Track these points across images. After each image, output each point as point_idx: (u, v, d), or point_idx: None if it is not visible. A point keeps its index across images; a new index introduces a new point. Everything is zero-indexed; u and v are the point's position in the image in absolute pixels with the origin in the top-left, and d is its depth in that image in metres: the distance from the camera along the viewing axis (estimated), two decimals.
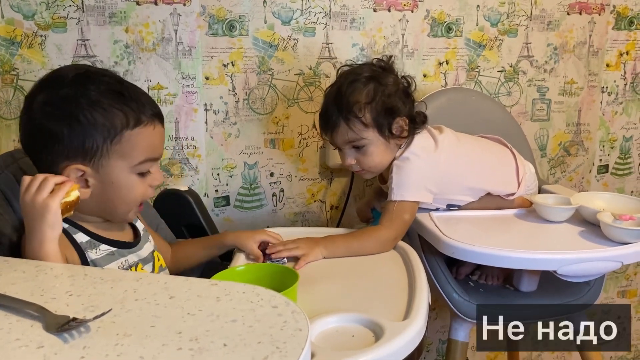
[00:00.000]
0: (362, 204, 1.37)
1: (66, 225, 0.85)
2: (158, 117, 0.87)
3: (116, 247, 0.90)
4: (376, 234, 1.07)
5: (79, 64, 1.26)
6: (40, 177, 0.78)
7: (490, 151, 1.25)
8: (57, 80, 0.85)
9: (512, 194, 1.22)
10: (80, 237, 0.86)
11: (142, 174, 0.86)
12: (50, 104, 0.82)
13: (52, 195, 0.76)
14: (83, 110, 0.81)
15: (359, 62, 1.23)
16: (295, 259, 1.00)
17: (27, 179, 0.78)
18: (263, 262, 0.99)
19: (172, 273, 1.04)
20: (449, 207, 1.20)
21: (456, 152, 1.18)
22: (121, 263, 0.89)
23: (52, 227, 0.76)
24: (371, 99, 1.11)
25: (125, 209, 0.88)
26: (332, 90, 1.16)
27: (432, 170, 1.14)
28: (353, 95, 1.11)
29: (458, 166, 1.17)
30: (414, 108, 1.17)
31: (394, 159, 1.14)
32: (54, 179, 0.78)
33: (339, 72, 1.19)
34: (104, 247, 0.88)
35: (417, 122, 1.16)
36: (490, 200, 1.22)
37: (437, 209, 1.20)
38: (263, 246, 1.02)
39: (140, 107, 0.84)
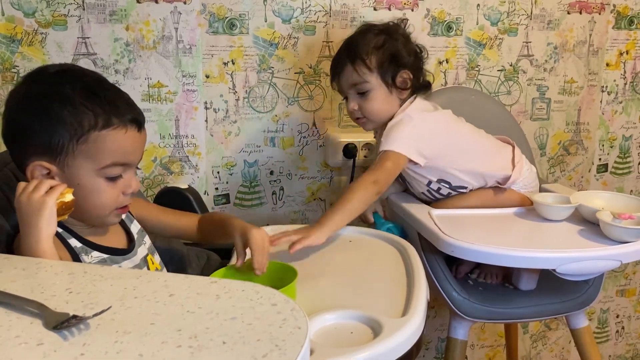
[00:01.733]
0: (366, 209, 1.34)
1: (60, 230, 0.85)
2: (135, 122, 0.84)
3: (109, 254, 0.89)
4: (355, 186, 1.08)
5: (67, 63, 1.25)
6: (36, 180, 0.79)
7: (487, 137, 1.26)
8: (38, 75, 0.85)
9: (508, 178, 1.21)
10: (74, 242, 0.86)
11: (111, 179, 0.84)
12: (26, 97, 0.82)
13: (48, 193, 0.77)
14: (53, 106, 0.80)
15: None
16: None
17: (22, 183, 0.79)
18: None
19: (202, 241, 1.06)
20: (441, 182, 1.20)
21: (454, 125, 1.21)
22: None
23: (48, 224, 0.76)
24: (379, 46, 1.16)
25: (97, 213, 0.86)
26: (345, 39, 1.22)
27: (425, 133, 1.15)
28: (363, 41, 1.17)
29: (453, 137, 1.19)
30: (420, 71, 1.21)
31: (390, 120, 1.17)
32: (49, 182, 0.78)
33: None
34: (95, 254, 0.87)
35: (422, 81, 1.21)
36: (486, 193, 1.22)
37: (429, 183, 1.20)
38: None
39: (113, 109, 0.82)
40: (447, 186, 1.21)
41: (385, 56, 1.15)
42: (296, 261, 0.98)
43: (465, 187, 1.22)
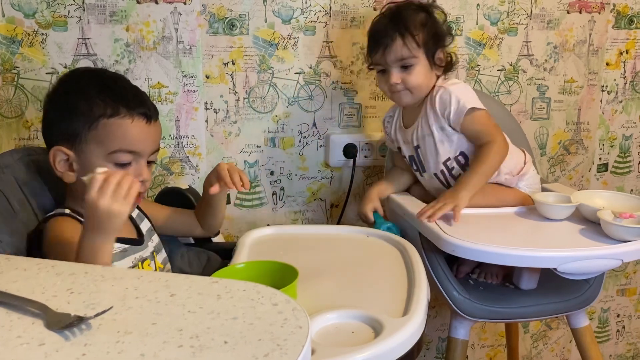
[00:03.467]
0: (364, 207, 1.30)
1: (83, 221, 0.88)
2: (143, 114, 0.92)
3: (128, 244, 0.95)
4: (491, 149, 1.15)
5: (97, 67, 1.29)
6: (114, 180, 0.78)
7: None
8: (66, 76, 0.97)
9: (520, 171, 1.24)
10: None
11: (121, 166, 0.90)
12: (53, 95, 0.95)
13: (126, 201, 0.78)
14: (71, 98, 0.91)
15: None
16: None
17: (99, 179, 0.78)
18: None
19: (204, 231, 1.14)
20: (458, 157, 1.22)
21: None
22: (134, 259, 0.94)
23: (117, 230, 0.80)
24: (424, 23, 1.21)
25: None
26: (385, 13, 1.24)
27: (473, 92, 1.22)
28: (409, 16, 1.20)
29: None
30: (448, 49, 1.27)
31: (430, 94, 1.22)
32: (126, 182, 0.78)
33: (385, 7, 1.27)
34: (117, 245, 0.92)
35: (452, 61, 1.26)
36: (490, 189, 1.21)
37: (447, 160, 1.22)
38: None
39: (122, 99, 0.90)
40: (463, 161, 1.22)
41: (430, 34, 1.20)
42: (297, 261, 0.98)
43: None
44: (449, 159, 1.22)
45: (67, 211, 0.92)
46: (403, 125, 1.30)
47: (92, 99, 0.89)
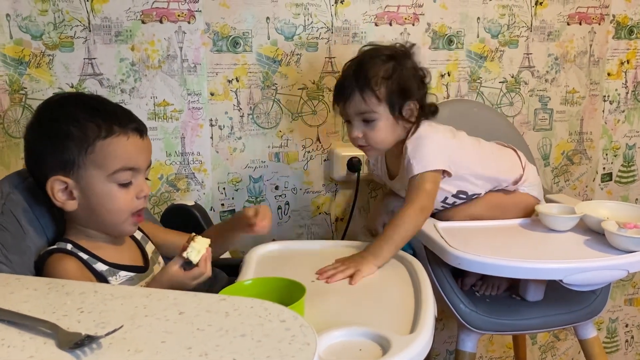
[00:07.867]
0: (374, 222, 1.32)
1: (85, 257, 0.90)
2: (136, 130, 0.90)
3: (134, 272, 0.94)
4: (404, 216, 1.07)
5: (72, 92, 1.28)
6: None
7: (490, 143, 1.29)
8: (45, 104, 0.94)
9: (520, 178, 1.23)
10: (100, 267, 0.90)
11: (123, 185, 0.89)
12: (38, 125, 0.91)
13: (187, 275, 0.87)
14: (61, 125, 0.87)
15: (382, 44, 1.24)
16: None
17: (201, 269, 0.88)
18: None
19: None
20: (459, 194, 1.20)
21: (463, 138, 1.23)
22: (140, 286, 0.93)
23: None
24: (388, 76, 1.13)
25: (113, 219, 0.90)
26: (351, 63, 1.19)
27: (445, 144, 1.16)
28: (372, 69, 1.13)
29: (467, 146, 1.21)
30: (426, 98, 1.20)
31: (404, 142, 1.16)
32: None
33: (361, 50, 1.21)
34: (122, 273, 0.92)
35: (426, 111, 1.18)
36: (492, 197, 1.23)
37: (445, 199, 1.21)
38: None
39: (113, 118, 0.89)
40: (464, 197, 1.22)
41: (394, 87, 1.13)
42: (303, 277, 0.98)
43: (480, 194, 1.23)
44: (446, 198, 1.21)
45: (69, 247, 0.89)
46: (388, 176, 1.27)
47: (82, 122, 0.87)
